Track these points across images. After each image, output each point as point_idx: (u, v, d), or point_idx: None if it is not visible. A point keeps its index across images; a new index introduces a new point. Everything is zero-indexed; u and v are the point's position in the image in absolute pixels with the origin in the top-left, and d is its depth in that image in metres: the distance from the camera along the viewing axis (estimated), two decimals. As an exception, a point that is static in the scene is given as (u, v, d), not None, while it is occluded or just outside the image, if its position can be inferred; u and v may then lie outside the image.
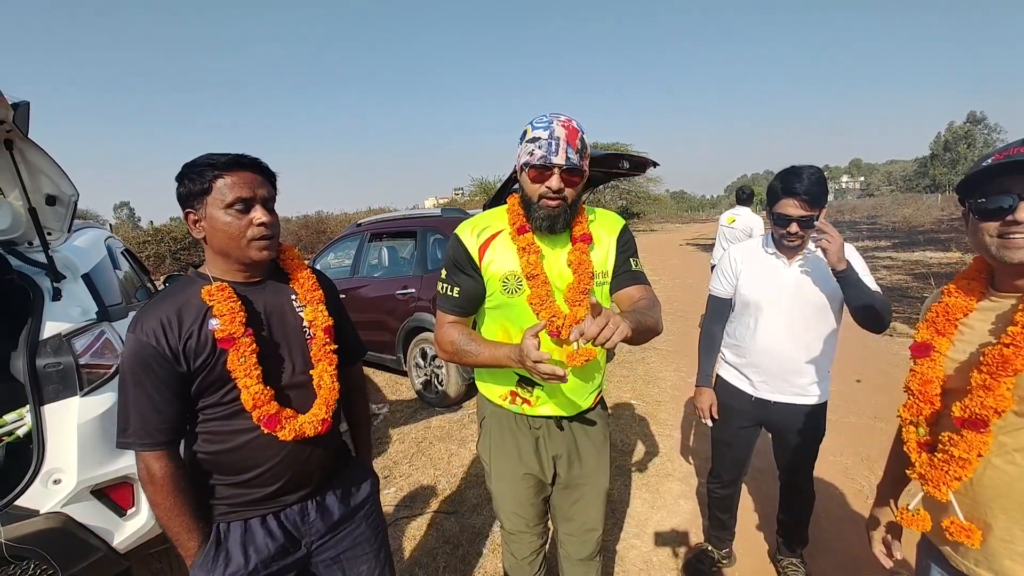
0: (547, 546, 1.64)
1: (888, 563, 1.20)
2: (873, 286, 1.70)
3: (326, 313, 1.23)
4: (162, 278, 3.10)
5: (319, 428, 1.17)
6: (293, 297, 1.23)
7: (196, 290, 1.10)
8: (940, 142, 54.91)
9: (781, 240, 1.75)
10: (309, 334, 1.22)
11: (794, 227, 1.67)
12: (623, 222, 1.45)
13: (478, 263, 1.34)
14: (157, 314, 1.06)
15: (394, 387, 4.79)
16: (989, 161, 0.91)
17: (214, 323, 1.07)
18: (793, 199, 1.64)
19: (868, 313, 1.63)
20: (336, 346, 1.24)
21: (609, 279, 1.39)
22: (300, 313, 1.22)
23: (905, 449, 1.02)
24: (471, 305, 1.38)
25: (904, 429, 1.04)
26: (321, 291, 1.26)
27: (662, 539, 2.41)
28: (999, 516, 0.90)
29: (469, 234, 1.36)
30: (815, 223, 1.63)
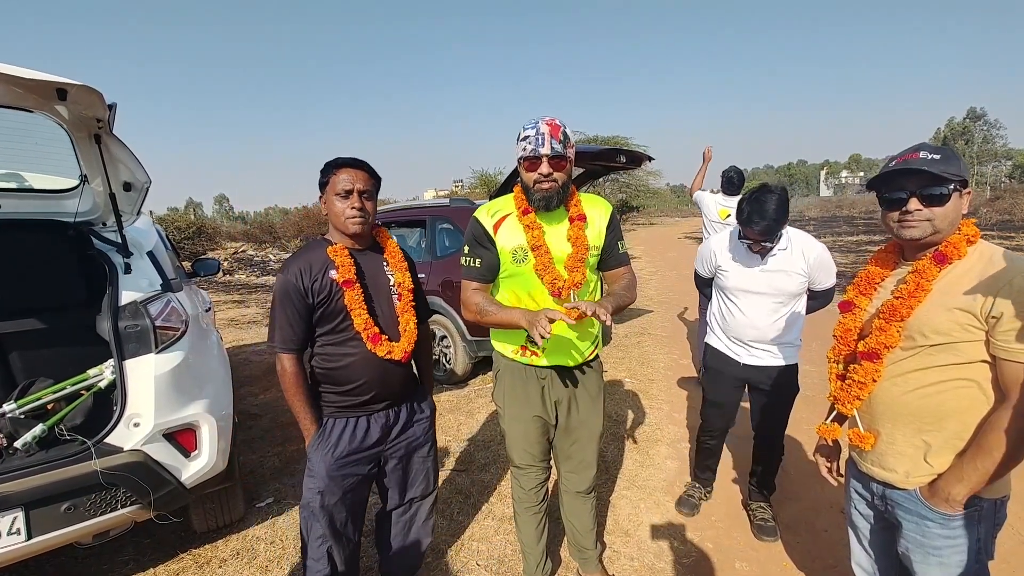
0: (549, 482, 1.95)
1: (834, 481, 1.50)
2: (831, 280, 2.13)
3: (411, 278, 1.75)
4: (191, 264, 3.48)
5: (402, 356, 1.67)
6: (384, 264, 1.73)
7: (323, 249, 1.62)
8: (939, 138, 54.99)
9: (748, 246, 2.11)
10: (395, 292, 1.71)
11: (755, 246, 2.07)
12: (611, 207, 1.75)
13: (494, 238, 1.64)
14: (298, 263, 1.59)
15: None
16: (891, 165, 1.20)
17: (333, 273, 1.58)
18: (755, 230, 1.99)
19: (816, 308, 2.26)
20: (415, 303, 1.74)
21: (599, 252, 1.68)
22: (388, 276, 1.71)
23: (828, 380, 1.33)
24: (490, 273, 1.68)
25: (828, 366, 1.34)
26: (407, 263, 1.77)
27: (649, 491, 2.73)
28: (886, 425, 1.21)
29: (485, 215, 1.67)
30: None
